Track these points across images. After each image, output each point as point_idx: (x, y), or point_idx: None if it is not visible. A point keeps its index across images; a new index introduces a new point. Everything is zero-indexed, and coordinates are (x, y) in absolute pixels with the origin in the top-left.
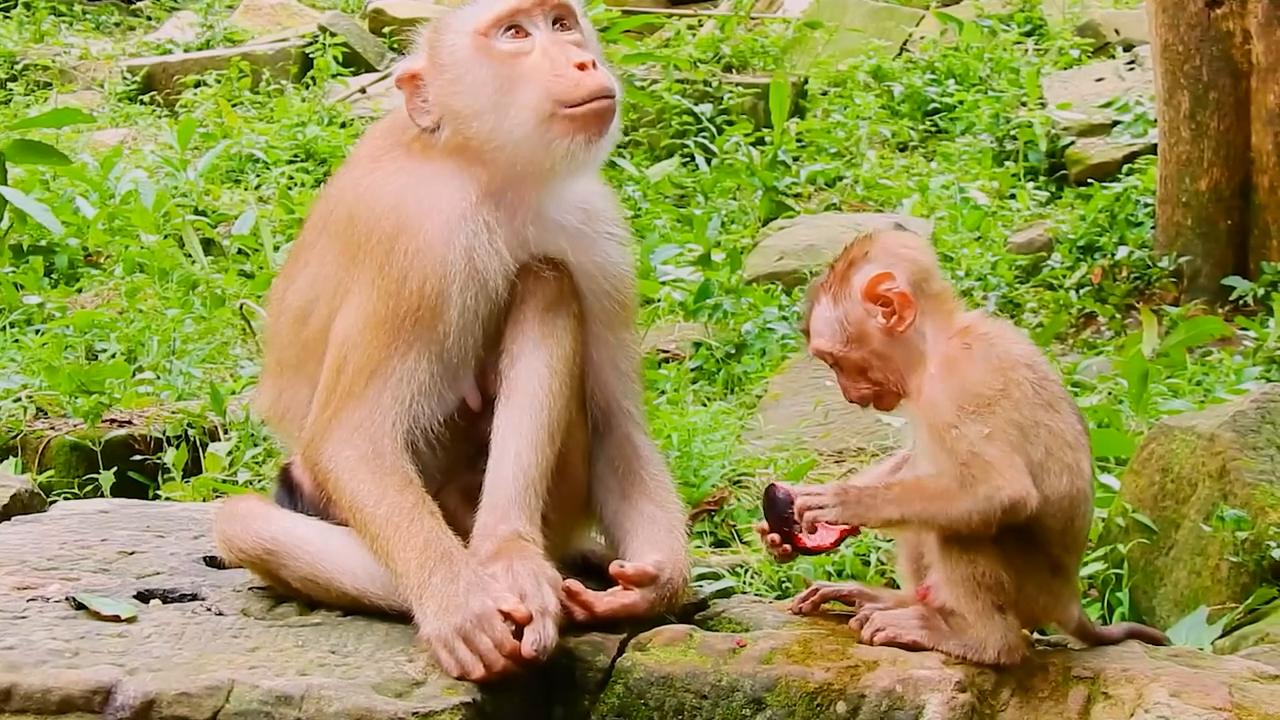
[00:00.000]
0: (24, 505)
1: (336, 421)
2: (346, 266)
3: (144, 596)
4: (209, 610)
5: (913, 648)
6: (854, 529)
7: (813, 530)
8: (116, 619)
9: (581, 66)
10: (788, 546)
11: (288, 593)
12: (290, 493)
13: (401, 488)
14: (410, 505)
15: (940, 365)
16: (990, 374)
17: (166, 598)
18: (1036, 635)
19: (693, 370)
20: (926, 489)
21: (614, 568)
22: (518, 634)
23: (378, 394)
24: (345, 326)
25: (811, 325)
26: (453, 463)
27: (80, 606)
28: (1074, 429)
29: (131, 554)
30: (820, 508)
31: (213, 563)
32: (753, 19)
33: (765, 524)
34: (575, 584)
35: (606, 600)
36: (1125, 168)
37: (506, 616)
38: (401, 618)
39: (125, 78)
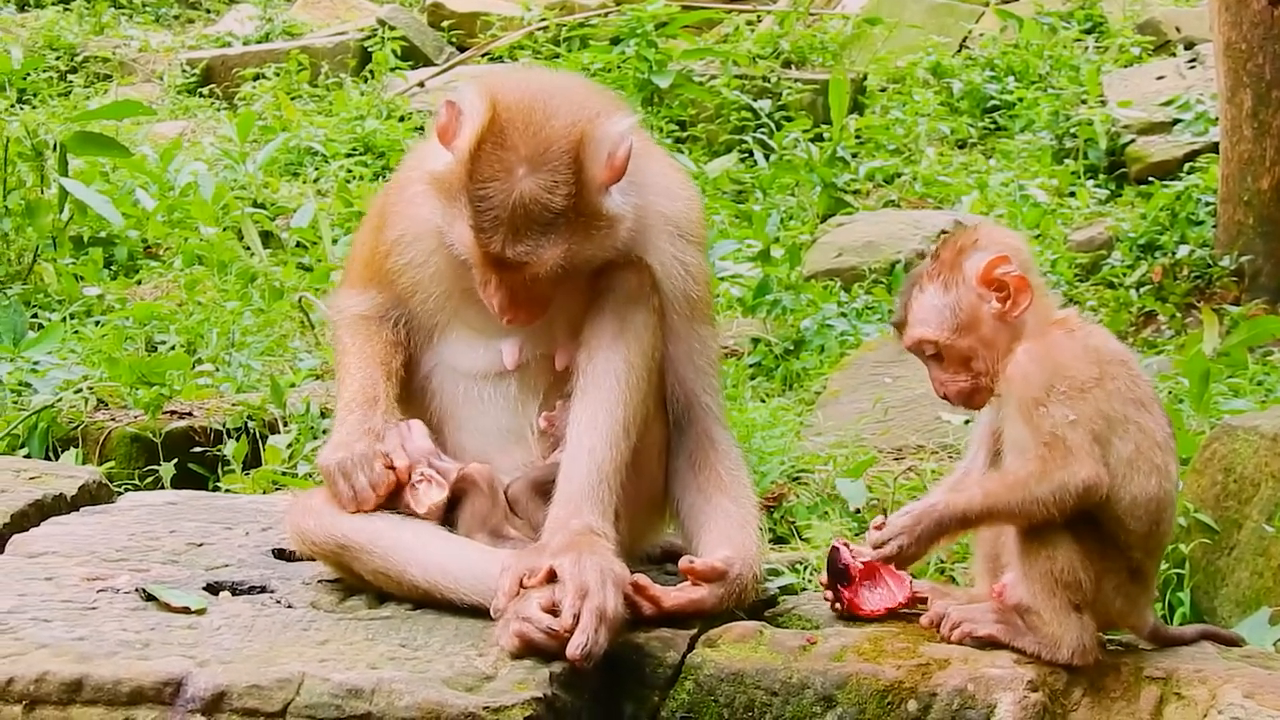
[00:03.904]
0: (92, 496)
1: None
2: None
3: (213, 588)
4: (278, 603)
5: (988, 643)
6: (915, 597)
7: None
8: (186, 610)
9: None
10: (835, 601)
11: (359, 585)
12: None
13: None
14: None
15: (1039, 344)
16: (1088, 363)
17: (236, 590)
18: (1106, 636)
19: (751, 366)
20: (1003, 481)
21: (683, 563)
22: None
23: None
24: None
25: (913, 314)
26: (500, 433)
27: (150, 598)
28: (1163, 430)
29: (200, 546)
30: (887, 541)
31: (281, 555)
32: (812, 15)
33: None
34: (643, 579)
35: (675, 596)
36: (1186, 166)
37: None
38: (472, 612)
39: (185, 70)
